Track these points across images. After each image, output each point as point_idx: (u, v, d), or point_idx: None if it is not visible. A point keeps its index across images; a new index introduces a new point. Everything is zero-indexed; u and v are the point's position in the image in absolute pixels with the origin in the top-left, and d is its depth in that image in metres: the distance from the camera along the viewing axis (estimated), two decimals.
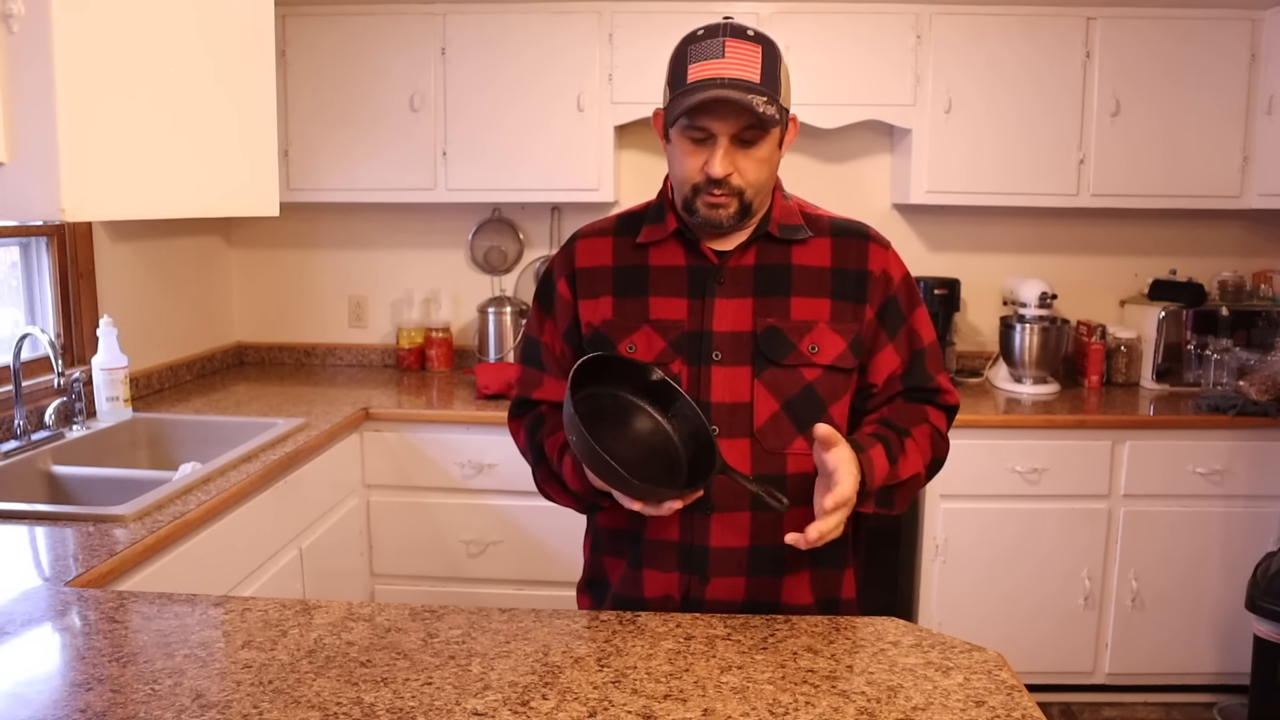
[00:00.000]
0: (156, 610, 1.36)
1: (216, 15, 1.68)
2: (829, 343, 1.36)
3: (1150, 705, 3.00)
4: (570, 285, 1.43)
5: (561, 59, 3.07)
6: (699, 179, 1.31)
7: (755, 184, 1.32)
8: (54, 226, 2.63)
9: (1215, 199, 3.10)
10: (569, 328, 1.44)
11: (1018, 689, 1.14)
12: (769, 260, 1.38)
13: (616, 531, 1.44)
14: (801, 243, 1.39)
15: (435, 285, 3.55)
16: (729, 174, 1.29)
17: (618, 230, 1.45)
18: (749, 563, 1.36)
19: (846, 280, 1.38)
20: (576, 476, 1.35)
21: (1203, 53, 3.02)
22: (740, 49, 1.27)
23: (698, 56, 1.28)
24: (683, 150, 1.32)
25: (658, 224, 1.41)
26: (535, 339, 1.48)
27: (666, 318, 1.38)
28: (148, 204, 1.57)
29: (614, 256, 1.42)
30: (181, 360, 3.21)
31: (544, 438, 1.44)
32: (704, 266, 1.38)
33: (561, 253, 1.47)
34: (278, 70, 3.00)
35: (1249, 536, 2.88)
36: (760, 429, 1.35)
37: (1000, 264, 3.45)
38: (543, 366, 1.47)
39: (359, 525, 2.87)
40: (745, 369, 1.35)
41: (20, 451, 2.24)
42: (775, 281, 1.37)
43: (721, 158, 1.28)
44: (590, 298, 1.42)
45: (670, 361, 1.37)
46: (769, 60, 1.28)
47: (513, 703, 1.09)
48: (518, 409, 1.53)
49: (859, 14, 3.02)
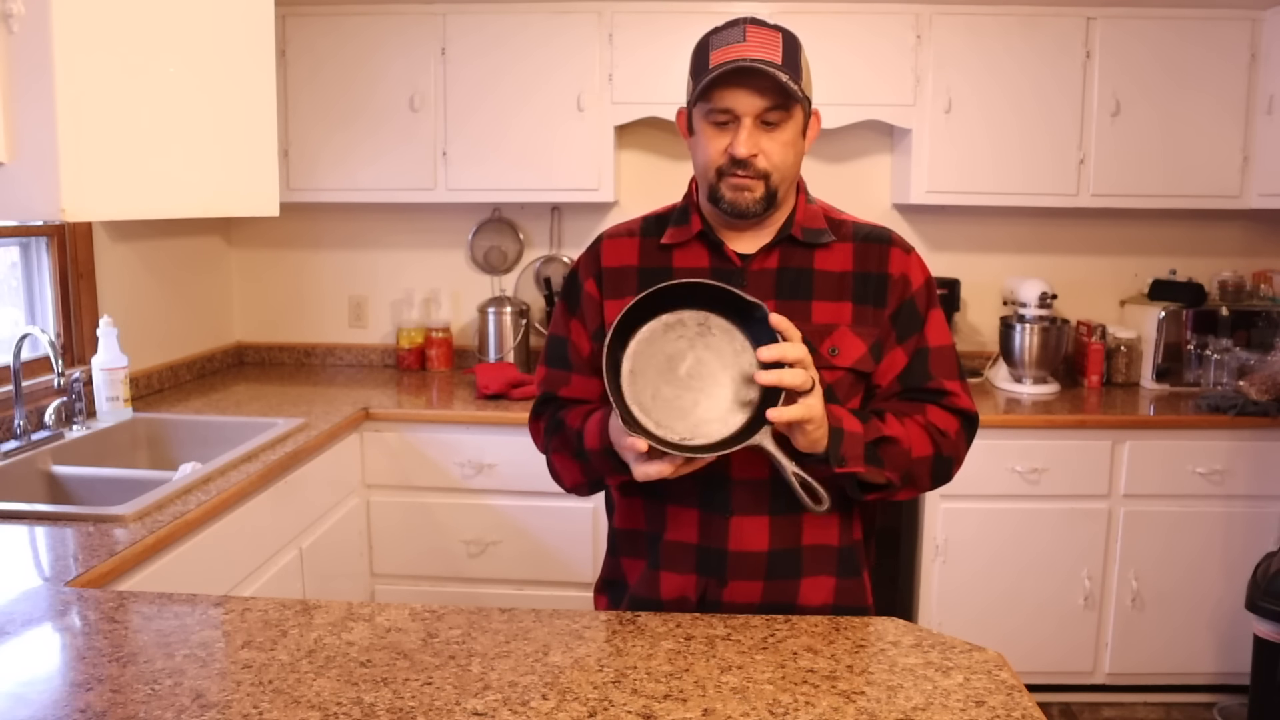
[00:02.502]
0: (156, 610, 1.36)
1: (216, 15, 1.68)
2: (850, 345, 1.35)
3: (1150, 705, 3.00)
4: (598, 284, 1.43)
5: (562, 59, 3.07)
6: (723, 161, 1.31)
7: (780, 167, 1.31)
8: (54, 226, 2.63)
9: (1215, 199, 3.10)
10: (597, 328, 1.42)
11: (1018, 689, 1.14)
12: (792, 264, 1.38)
13: (635, 533, 1.43)
14: (825, 247, 1.38)
15: (435, 285, 3.55)
16: (754, 154, 1.29)
17: (644, 231, 1.44)
18: (767, 567, 1.36)
19: (868, 284, 1.37)
20: (599, 434, 1.32)
21: (1203, 52, 3.02)
22: (761, 34, 1.29)
23: (719, 43, 1.29)
24: (707, 136, 1.32)
25: (682, 226, 1.41)
26: (562, 337, 1.47)
27: None
28: (148, 204, 1.57)
29: (639, 257, 1.42)
30: (181, 360, 3.21)
31: (566, 413, 1.42)
32: (727, 269, 1.38)
33: (588, 253, 1.47)
34: (278, 70, 3.00)
35: (1249, 536, 2.88)
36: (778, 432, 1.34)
37: (1000, 264, 3.45)
38: (570, 366, 1.45)
39: (359, 525, 2.87)
40: None
41: (20, 451, 2.24)
42: (797, 285, 1.37)
43: (746, 137, 1.28)
44: (616, 298, 1.41)
45: None
46: (790, 46, 1.29)
47: (513, 703, 1.09)
48: (539, 408, 1.50)
49: (859, 14, 3.02)
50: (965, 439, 1.40)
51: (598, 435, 1.32)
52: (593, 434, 1.34)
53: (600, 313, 1.42)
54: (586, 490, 1.46)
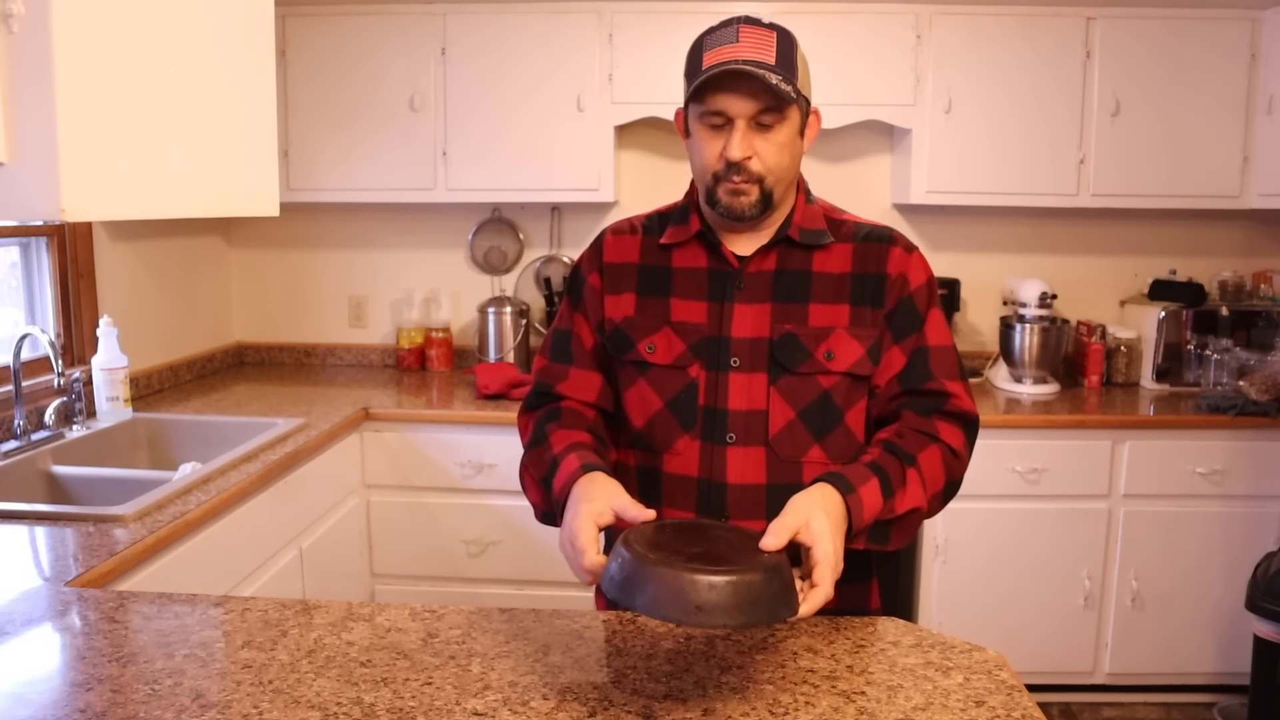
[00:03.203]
0: (156, 610, 1.36)
1: (216, 15, 1.68)
2: (846, 348, 1.34)
3: (1150, 705, 3.00)
4: (601, 278, 1.43)
5: (562, 59, 3.07)
6: (718, 166, 1.30)
7: (775, 170, 1.30)
8: (54, 226, 2.63)
9: (1215, 199, 3.10)
10: (600, 321, 1.42)
11: (1018, 689, 1.14)
12: (789, 265, 1.37)
13: None
14: (823, 248, 1.37)
15: (435, 285, 3.55)
16: (747, 157, 1.28)
17: (646, 229, 1.44)
18: None
19: (865, 285, 1.36)
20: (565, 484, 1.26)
21: (1203, 52, 3.02)
22: (755, 34, 1.27)
23: (712, 44, 1.28)
24: (702, 139, 1.31)
25: (681, 225, 1.40)
26: (565, 330, 1.46)
27: (687, 320, 1.37)
28: (148, 204, 1.57)
29: (640, 255, 1.42)
30: (181, 360, 3.21)
31: (554, 428, 1.37)
32: (725, 270, 1.37)
33: (591, 249, 1.47)
34: (278, 70, 3.00)
35: (1249, 536, 2.88)
36: (775, 437, 1.33)
37: (1000, 264, 3.45)
38: (570, 359, 1.44)
39: (359, 525, 2.87)
40: (762, 376, 1.34)
41: (20, 451, 2.24)
42: (795, 287, 1.36)
43: (739, 140, 1.27)
44: (615, 293, 1.41)
45: (689, 365, 1.35)
46: (784, 46, 1.28)
47: (513, 703, 1.09)
48: (533, 401, 1.47)
49: (859, 14, 3.02)
50: (969, 447, 1.38)
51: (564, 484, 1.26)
52: (564, 477, 1.27)
53: (602, 306, 1.42)
54: (540, 517, 1.41)
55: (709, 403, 1.34)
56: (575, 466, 1.26)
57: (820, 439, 1.34)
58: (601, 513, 1.17)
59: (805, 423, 1.34)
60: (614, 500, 1.18)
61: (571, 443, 1.33)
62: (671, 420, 1.36)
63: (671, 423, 1.36)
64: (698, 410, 1.35)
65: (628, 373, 1.40)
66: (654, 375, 1.37)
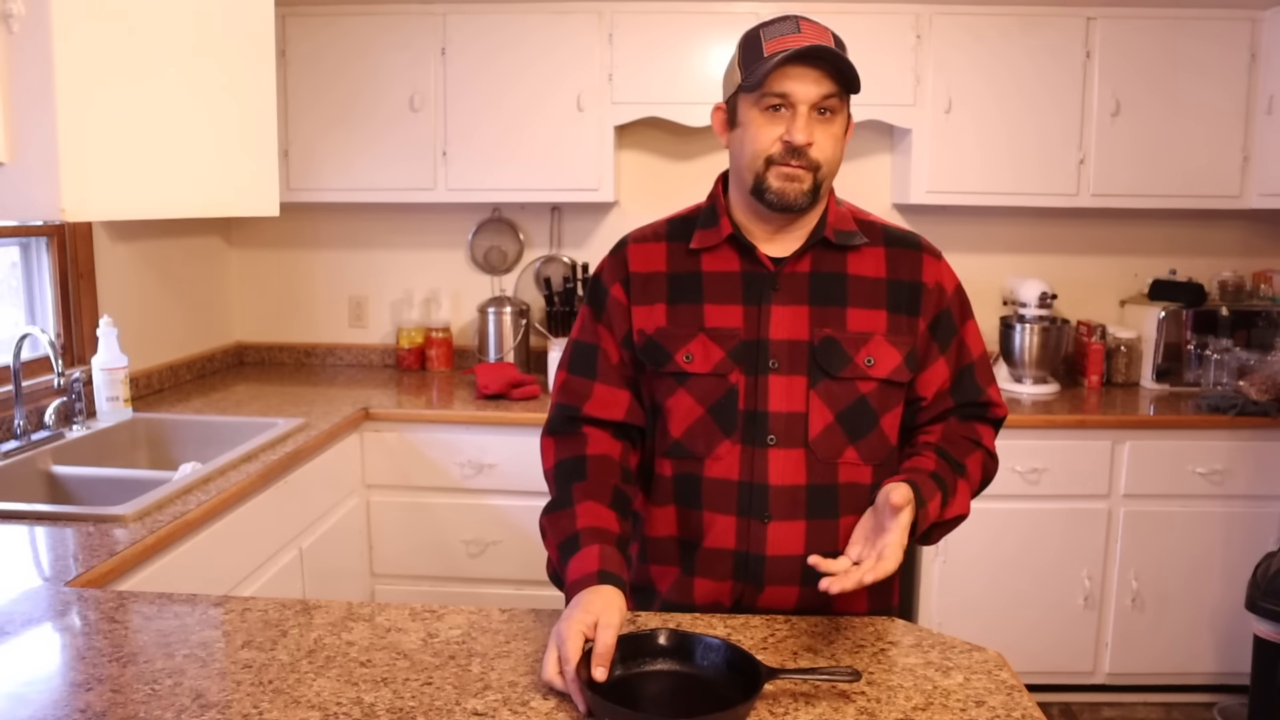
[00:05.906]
0: (156, 610, 1.36)
1: (216, 15, 1.68)
2: (885, 355, 1.34)
3: (1150, 705, 3.00)
4: (625, 290, 1.40)
5: (561, 59, 3.07)
6: (775, 149, 1.29)
7: (829, 161, 1.31)
8: (54, 226, 2.63)
9: (1215, 199, 3.10)
10: (626, 334, 1.39)
11: (1018, 689, 1.14)
12: (825, 268, 1.36)
13: (668, 540, 1.40)
14: (856, 250, 1.37)
15: (435, 285, 3.55)
16: (809, 143, 1.28)
17: (670, 235, 1.42)
18: (804, 571, 1.32)
19: (901, 292, 1.37)
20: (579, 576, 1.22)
21: (1202, 52, 3.02)
22: (814, 27, 1.29)
23: (773, 34, 1.28)
24: (758, 123, 1.29)
25: (710, 229, 1.38)
26: (589, 344, 1.42)
27: (723, 325, 1.35)
28: (148, 204, 1.57)
29: (668, 263, 1.39)
30: (181, 360, 3.21)
31: (581, 493, 1.33)
32: (759, 273, 1.36)
33: (612, 258, 1.43)
34: (278, 70, 3.00)
35: (1249, 536, 2.88)
36: (815, 440, 1.33)
37: (1000, 264, 3.45)
38: (594, 374, 1.40)
39: (359, 525, 2.87)
40: (801, 379, 1.33)
41: (20, 451, 2.24)
42: (832, 290, 1.35)
43: (804, 124, 1.27)
44: (644, 304, 1.38)
45: (728, 372, 1.34)
46: (839, 44, 1.30)
47: (513, 703, 1.09)
48: (558, 424, 1.43)
49: (859, 14, 3.02)
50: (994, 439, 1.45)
51: (576, 579, 1.22)
52: (579, 571, 1.23)
53: (628, 318, 1.39)
54: (551, 576, 1.36)
55: (749, 406, 1.33)
56: (594, 569, 1.22)
57: (854, 441, 1.34)
58: (590, 626, 1.13)
59: (842, 425, 1.34)
60: (603, 619, 1.13)
61: (595, 526, 1.28)
62: (713, 426, 1.35)
63: (713, 429, 1.35)
64: (738, 415, 1.34)
65: (666, 384, 1.38)
66: (694, 384, 1.36)
